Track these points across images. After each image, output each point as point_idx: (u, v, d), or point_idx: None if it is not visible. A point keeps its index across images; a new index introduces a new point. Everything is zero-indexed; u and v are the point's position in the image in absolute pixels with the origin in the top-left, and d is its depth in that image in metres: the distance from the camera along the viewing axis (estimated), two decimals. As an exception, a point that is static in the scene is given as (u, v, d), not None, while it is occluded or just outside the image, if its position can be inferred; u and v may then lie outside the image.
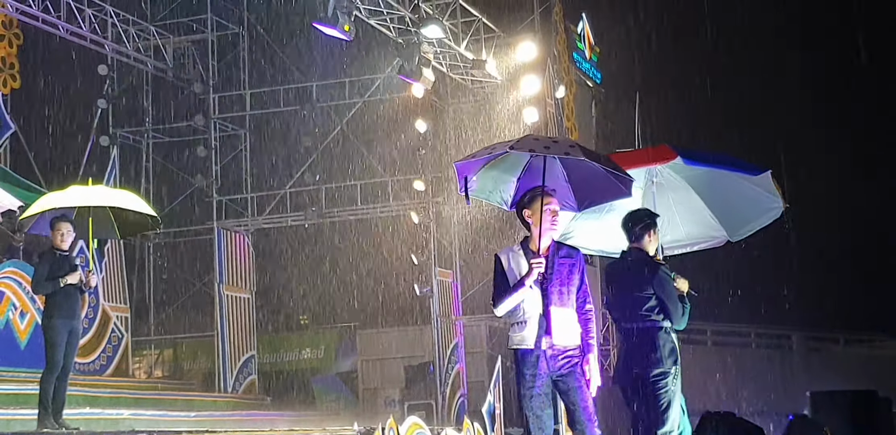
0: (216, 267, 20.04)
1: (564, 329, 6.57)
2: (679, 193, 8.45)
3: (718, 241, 8.70)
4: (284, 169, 20.54)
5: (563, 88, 19.37)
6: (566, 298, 6.63)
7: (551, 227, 6.69)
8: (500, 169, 7.00)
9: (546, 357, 6.54)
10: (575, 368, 6.60)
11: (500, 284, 6.66)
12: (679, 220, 8.50)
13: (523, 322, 6.59)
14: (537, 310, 6.57)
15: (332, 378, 22.55)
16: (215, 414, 14.86)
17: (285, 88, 20.71)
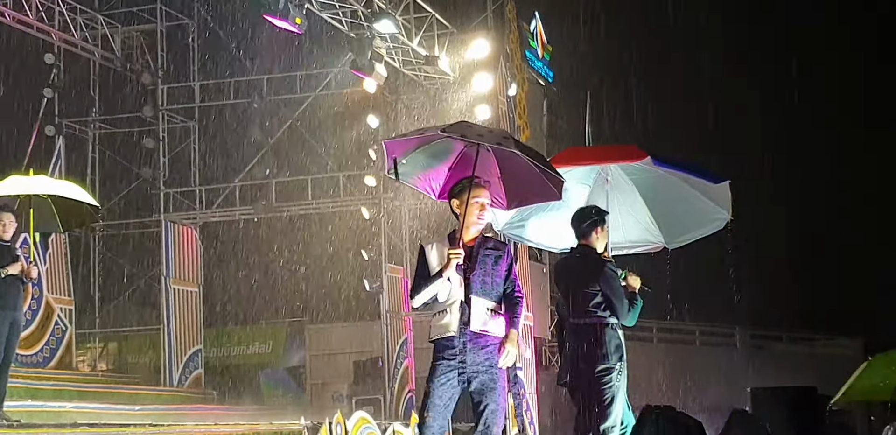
0: (163, 260, 19.91)
1: (486, 319, 6.42)
2: (625, 196, 8.50)
3: (655, 246, 8.75)
4: (234, 162, 20.45)
5: (516, 86, 19.43)
6: (490, 289, 6.49)
7: (478, 220, 6.59)
8: (432, 155, 6.87)
9: (466, 348, 6.37)
10: (493, 368, 6.43)
11: (419, 275, 6.54)
12: (620, 222, 8.54)
13: (444, 311, 6.44)
14: (459, 297, 6.43)
15: (280, 373, 22.50)
16: (160, 408, 14.78)
17: (235, 81, 20.60)
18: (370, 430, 14.31)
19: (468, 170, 6.70)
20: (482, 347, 6.42)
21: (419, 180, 6.99)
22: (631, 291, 7.78)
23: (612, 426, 7.42)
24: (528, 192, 6.91)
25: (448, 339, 6.41)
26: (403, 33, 17.41)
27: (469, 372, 6.39)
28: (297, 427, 13.64)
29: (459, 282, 6.44)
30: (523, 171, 6.75)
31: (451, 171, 6.92)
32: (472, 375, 6.39)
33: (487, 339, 6.43)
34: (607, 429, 7.41)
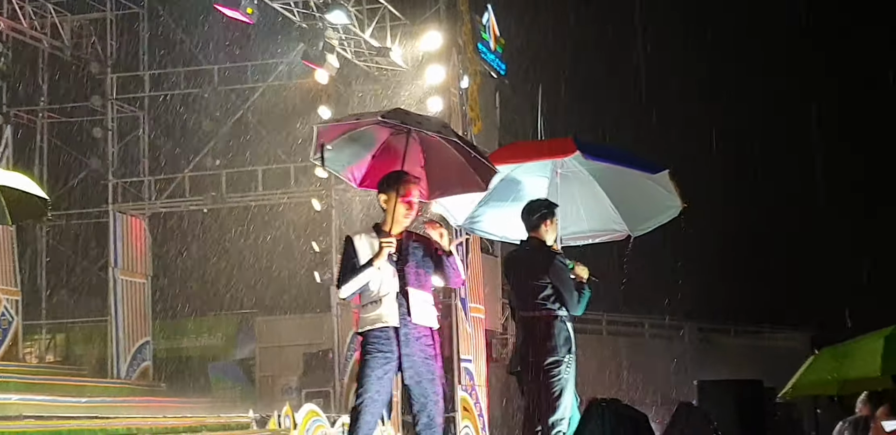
0: (111, 251, 19.75)
1: (423, 310, 6.41)
2: (584, 186, 8.49)
3: (620, 234, 8.75)
4: (183, 152, 20.28)
5: (468, 79, 19.43)
6: (423, 280, 6.48)
7: (405, 217, 6.56)
8: (358, 142, 6.83)
9: (402, 339, 6.33)
10: (429, 359, 6.40)
11: (347, 265, 6.46)
12: (583, 212, 8.55)
13: (377, 301, 6.38)
14: (393, 289, 6.39)
15: (230, 365, 22.41)
16: (107, 400, 14.68)
17: (186, 70, 20.44)
18: (319, 422, 14.32)
19: (392, 160, 6.67)
20: (417, 338, 6.39)
21: (342, 167, 6.93)
22: (579, 281, 7.81)
23: (561, 419, 7.45)
24: (451, 182, 6.90)
25: (383, 330, 6.34)
26: (356, 24, 17.34)
27: (406, 364, 6.34)
28: (246, 419, 13.63)
29: (392, 273, 6.41)
30: (448, 162, 6.74)
31: (373, 159, 6.87)
32: (408, 367, 6.34)
33: (421, 330, 6.42)
34: (556, 421, 7.43)
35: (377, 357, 6.32)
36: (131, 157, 20.56)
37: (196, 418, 13.19)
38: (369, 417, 6.30)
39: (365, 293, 6.44)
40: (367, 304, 6.44)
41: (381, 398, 6.34)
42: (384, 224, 6.57)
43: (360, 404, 6.28)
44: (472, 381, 18.52)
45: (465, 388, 18.17)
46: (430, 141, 6.64)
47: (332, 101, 18.69)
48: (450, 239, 6.59)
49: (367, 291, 6.43)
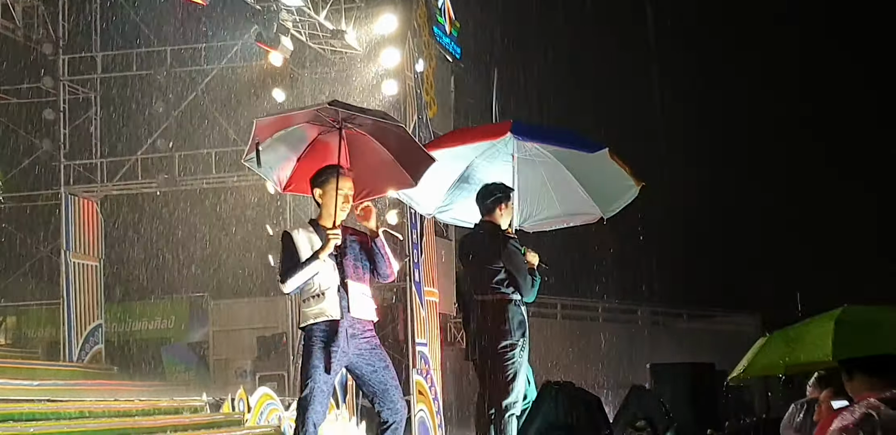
0: (63, 234, 19.58)
1: (363, 303, 6.42)
2: (553, 170, 8.49)
3: (593, 217, 8.75)
4: (136, 135, 20.06)
5: (423, 62, 19.39)
6: (361, 273, 6.49)
7: (342, 210, 6.54)
8: (287, 143, 6.77)
9: (348, 332, 6.33)
10: (377, 349, 6.43)
11: (288, 261, 6.44)
12: (555, 196, 8.56)
13: (320, 295, 6.37)
14: (334, 282, 6.37)
15: (183, 348, 22.32)
16: (59, 383, 14.54)
17: (138, 52, 20.22)
18: (273, 406, 14.30)
19: (321, 160, 6.63)
20: (361, 331, 6.41)
21: (270, 170, 6.85)
22: (529, 268, 7.85)
23: (514, 402, 7.50)
24: (379, 181, 6.86)
25: (327, 324, 6.33)
26: (310, 6, 17.26)
27: (355, 357, 6.35)
28: (200, 403, 13.58)
29: (333, 267, 6.39)
30: (375, 161, 6.73)
31: (299, 161, 6.82)
32: (359, 361, 6.36)
33: (364, 324, 6.44)
34: (509, 404, 7.48)
35: (321, 350, 6.31)
36: (83, 139, 20.34)
37: (149, 402, 13.13)
38: (319, 408, 6.31)
39: (306, 288, 6.42)
40: (309, 298, 6.42)
41: (329, 389, 6.35)
42: (320, 219, 6.57)
43: (309, 395, 6.28)
44: (426, 365, 18.57)
45: (420, 371, 18.21)
46: (358, 140, 6.61)
47: (286, 84, 18.59)
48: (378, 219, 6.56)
49: (309, 286, 6.41)
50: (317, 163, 6.72)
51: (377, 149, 6.69)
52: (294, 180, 6.90)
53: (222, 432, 12.66)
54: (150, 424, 11.75)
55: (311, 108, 6.68)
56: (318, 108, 6.54)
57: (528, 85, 24.71)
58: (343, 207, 6.53)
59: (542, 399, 5.57)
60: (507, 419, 7.41)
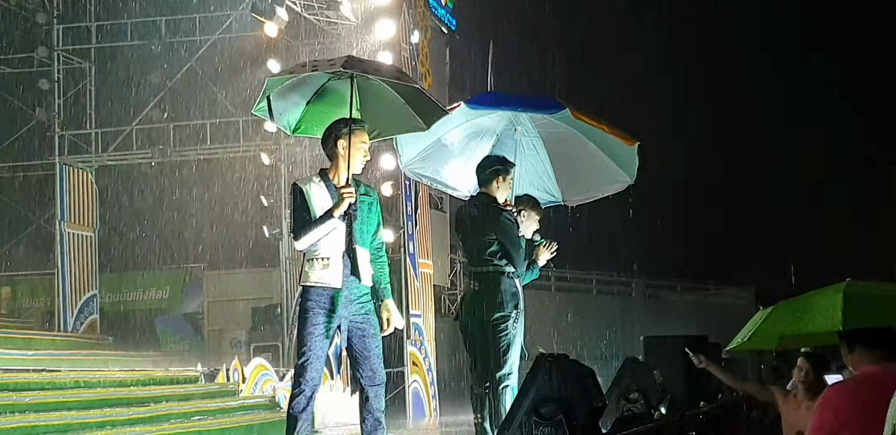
0: (58, 204, 19.56)
1: (366, 269, 6.37)
2: (577, 143, 8.41)
3: (623, 184, 8.71)
4: (131, 105, 20.01)
5: (419, 34, 19.34)
6: (366, 238, 6.41)
7: (361, 164, 6.47)
8: (297, 90, 6.70)
9: (346, 298, 6.29)
10: (370, 315, 6.39)
11: (302, 216, 6.33)
12: (587, 168, 8.51)
13: (325, 259, 6.29)
14: (340, 247, 6.30)
15: (177, 319, 22.37)
16: (54, 353, 14.58)
17: (133, 22, 20.12)
18: (268, 376, 14.36)
19: (330, 102, 6.61)
20: (359, 296, 6.39)
21: (279, 115, 6.78)
22: (533, 259, 7.89)
23: (508, 374, 7.51)
24: (388, 124, 6.80)
25: (326, 289, 6.30)
26: (306, -23, 17.19)
27: (348, 323, 6.33)
28: (194, 373, 13.63)
29: (342, 230, 6.30)
30: (386, 105, 6.67)
31: (308, 105, 6.77)
32: (351, 326, 6.34)
33: (363, 289, 6.41)
34: (503, 376, 7.50)
35: (318, 314, 6.28)
36: (78, 110, 20.28)
37: (144, 372, 13.17)
38: (315, 375, 6.30)
39: (312, 248, 6.36)
40: (314, 259, 6.35)
41: (324, 354, 6.34)
42: (331, 171, 6.48)
43: (306, 362, 6.27)
44: (420, 336, 18.64)
45: (415, 343, 18.28)
46: (370, 85, 6.54)
47: (280, 55, 18.53)
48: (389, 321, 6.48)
49: (315, 248, 6.35)
50: (326, 106, 6.68)
51: (389, 95, 6.66)
52: (304, 123, 6.84)
53: (217, 402, 12.71)
54: (145, 394, 11.79)
55: (325, 63, 6.56)
56: (332, 67, 6.41)
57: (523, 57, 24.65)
58: (363, 160, 6.48)
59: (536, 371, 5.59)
60: (500, 391, 7.43)
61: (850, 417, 4.43)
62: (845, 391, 4.62)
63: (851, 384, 4.75)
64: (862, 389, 4.55)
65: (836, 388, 4.78)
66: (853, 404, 4.47)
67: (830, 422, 4.49)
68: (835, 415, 4.48)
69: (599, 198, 8.83)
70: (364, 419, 6.38)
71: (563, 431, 5.40)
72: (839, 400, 4.54)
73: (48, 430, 9.22)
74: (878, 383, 4.47)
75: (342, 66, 6.34)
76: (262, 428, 12.26)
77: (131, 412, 10.73)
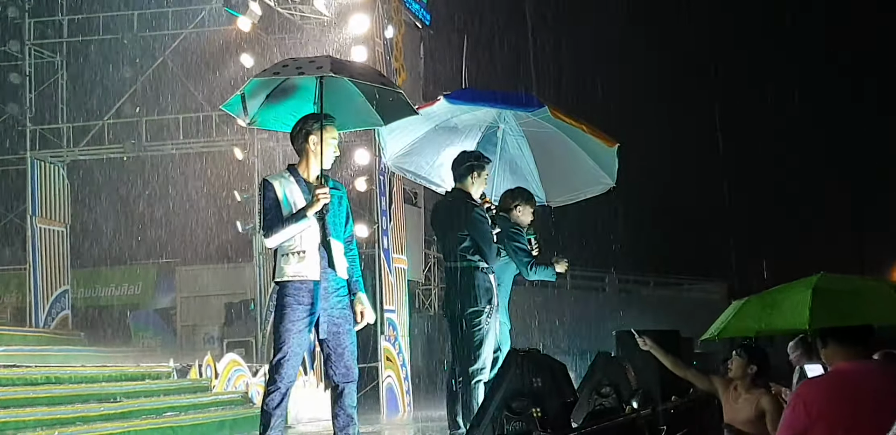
0: (29, 199, 19.45)
1: (342, 262, 6.38)
2: (561, 143, 8.50)
3: (605, 186, 8.74)
4: (103, 99, 19.88)
5: (392, 29, 19.29)
6: (340, 230, 6.42)
7: (332, 157, 6.48)
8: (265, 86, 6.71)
9: (325, 290, 6.29)
10: (346, 309, 6.39)
11: (273, 213, 6.32)
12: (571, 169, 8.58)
13: (300, 252, 6.28)
14: (315, 240, 6.30)
15: (150, 314, 22.29)
16: (25, 349, 14.52)
17: (105, 16, 20.01)
18: (241, 372, 14.33)
19: (292, 96, 6.64)
20: (336, 289, 6.38)
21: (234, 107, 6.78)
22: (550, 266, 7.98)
23: (482, 368, 7.53)
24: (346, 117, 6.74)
25: (303, 283, 6.29)
26: (279, -29, 17.13)
27: (324, 317, 6.31)
28: (167, 369, 13.58)
29: (315, 224, 6.31)
30: (346, 99, 6.67)
31: (268, 98, 6.77)
32: (326, 320, 6.32)
33: (340, 281, 6.41)
34: (475, 371, 7.52)
35: (297, 310, 6.26)
36: (49, 104, 20.15)
37: (116, 368, 13.12)
38: (291, 371, 6.29)
39: (286, 243, 6.35)
40: (288, 254, 6.34)
41: (302, 351, 6.32)
42: (301, 166, 6.48)
43: (283, 358, 6.24)
44: (394, 331, 18.63)
45: (388, 338, 18.27)
46: (333, 81, 6.51)
47: (254, 50, 18.47)
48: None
49: (289, 242, 6.34)
50: (286, 99, 6.70)
51: (349, 89, 6.65)
52: (261, 115, 6.83)
53: (189, 398, 12.67)
54: (117, 390, 11.75)
55: (310, 65, 6.48)
56: (320, 71, 6.35)
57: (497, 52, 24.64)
58: (333, 156, 6.48)
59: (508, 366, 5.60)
60: (473, 385, 7.45)
61: (822, 413, 4.44)
62: (817, 387, 4.63)
63: (824, 381, 4.77)
64: (834, 385, 4.56)
65: (808, 384, 4.80)
66: (825, 401, 4.48)
67: (802, 418, 4.50)
68: (806, 411, 4.49)
69: (581, 199, 8.88)
70: (336, 415, 6.37)
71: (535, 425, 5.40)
72: (810, 396, 4.55)
73: (19, 426, 9.17)
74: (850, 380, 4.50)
75: (331, 71, 6.31)
76: (234, 424, 12.23)
77: (103, 408, 10.69)
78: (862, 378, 4.46)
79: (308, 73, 6.43)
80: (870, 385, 4.36)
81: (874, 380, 4.42)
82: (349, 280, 6.45)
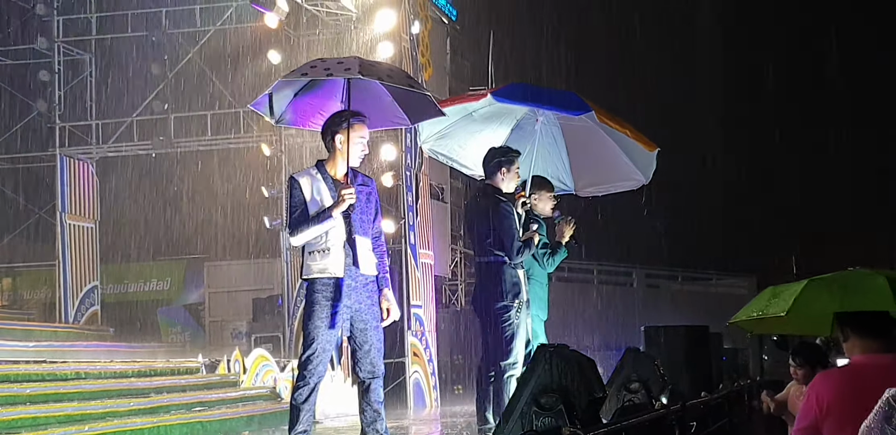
0: (59, 195, 19.56)
1: (368, 258, 6.40)
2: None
3: (637, 183, 8.74)
4: (131, 96, 19.97)
5: (419, 24, 19.29)
6: (366, 227, 6.44)
7: (360, 156, 6.50)
8: (291, 84, 6.72)
9: (349, 288, 6.31)
10: (374, 306, 6.41)
11: (299, 211, 6.36)
12: (604, 162, 8.57)
13: (325, 250, 6.31)
14: (341, 237, 6.33)
15: (179, 310, 22.39)
16: (55, 344, 14.59)
17: (133, 13, 20.09)
18: (268, 367, 14.37)
19: (320, 95, 6.65)
20: (364, 285, 6.41)
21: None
22: (557, 240, 7.88)
23: (514, 363, 7.53)
24: (373, 116, 6.71)
25: (330, 280, 6.31)
26: (306, -33, 17.14)
27: (352, 314, 6.35)
28: (195, 364, 13.63)
29: (341, 221, 6.34)
30: (374, 99, 6.67)
31: (296, 96, 6.78)
32: (354, 317, 6.35)
33: (367, 278, 6.43)
34: (507, 366, 7.52)
35: (325, 307, 6.29)
36: (78, 101, 20.26)
37: (145, 363, 13.18)
38: (320, 367, 6.33)
39: (312, 240, 6.38)
40: (314, 251, 6.37)
41: (330, 347, 6.35)
42: (329, 163, 6.49)
43: (312, 354, 6.28)
44: (421, 326, 18.64)
45: (415, 333, 18.28)
46: (360, 81, 6.51)
47: (281, 46, 18.50)
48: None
49: (315, 239, 6.37)
50: (315, 99, 6.71)
51: (377, 89, 6.66)
52: (288, 113, 6.84)
53: (218, 393, 12.72)
54: (146, 386, 11.80)
55: (338, 66, 6.47)
56: (348, 73, 6.34)
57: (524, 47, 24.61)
58: (361, 154, 6.50)
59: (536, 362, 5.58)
60: (505, 380, 7.45)
61: (832, 406, 4.42)
62: (830, 380, 4.61)
63: (837, 374, 4.74)
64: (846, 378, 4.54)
65: (822, 377, 4.77)
66: (836, 394, 4.46)
67: (814, 411, 4.49)
68: (818, 403, 4.47)
69: (612, 193, 8.86)
70: (363, 410, 6.40)
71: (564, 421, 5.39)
72: (822, 389, 4.53)
73: (49, 421, 9.22)
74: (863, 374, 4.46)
75: (360, 72, 6.31)
76: (262, 419, 12.27)
77: (132, 403, 10.73)
78: (875, 373, 4.42)
79: (336, 74, 6.45)
80: (882, 380, 4.32)
81: (887, 375, 4.37)
82: (376, 276, 6.46)
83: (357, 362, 6.41)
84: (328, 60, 6.70)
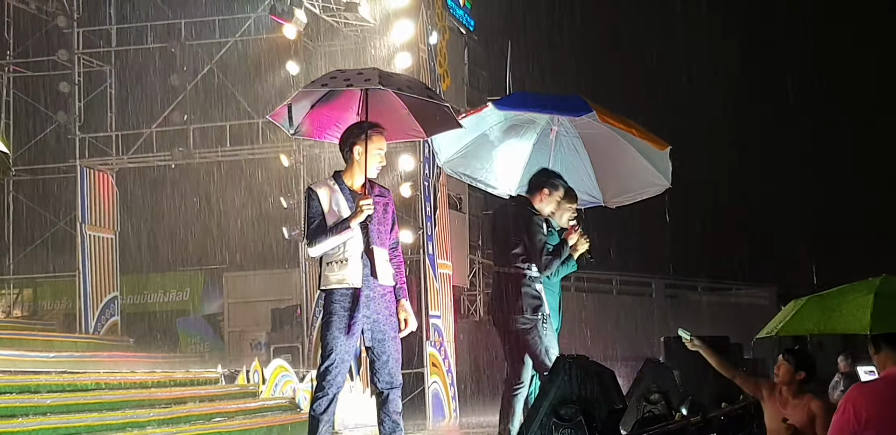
0: (79, 206, 19.64)
1: (385, 269, 6.40)
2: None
3: (661, 187, 8.68)
4: (151, 108, 20.07)
5: (437, 35, 19.32)
6: (384, 238, 6.44)
7: (378, 168, 6.50)
8: (309, 96, 6.69)
9: (367, 298, 6.30)
10: (392, 316, 6.40)
11: (317, 222, 6.35)
12: (627, 170, 8.50)
13: (343, 260, 6.32)
14: (358, 248, 6.33)
15: (198, 320, 22.44)
16: (75, 355, 14.62)
17: (153, 25, 20.21)
18: (288, 377, 14.38)
19: (336, 106, 6.63)
20: (382, 295, 6.40)
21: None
22: (570, 253, 7.82)
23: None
24: (390, 129, 6.67)
25: (348, 290, 6.32)
26: (324, -21, 17.20)
27: (369, 324, 6.34)
28: (215, 375, 13.65)
29: (359, 232, 6.34)
30: (391, 111, 6.66)
31: (313, 108, 6.75)
32: (372, 328, 6.34)
33: (385, 288, 6.42)
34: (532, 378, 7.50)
35: (343, 317, 6.29)
36: (98, 112, 20.36)
37: (165, 373, 13.21)
38: (339, 378, 6.32)
39: (329, 251, 6.38)
40: (332, 262, 6.37)
41: (349, 357, 6.34)
42: (346, 174, 6.50)
43: (330, 365, 6.28)
44: (440, 337, 18.63)
45: (434, 344, 18.27)
46: (377, 92, 6.52)
47: (299, 57, 18.57)
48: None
49: (332, 250, 6.37)
50: (332, 110, 6.71)
51: (394, 102, 6.66)
52: (305, 125, 6.83)
53: (237, 404, 12.73)
54: (166, 396, 11.82)
55: (358, 77, 6.45)
56: (368, 83, 6.35)
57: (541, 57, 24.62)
58: (379, 166, 6.50)
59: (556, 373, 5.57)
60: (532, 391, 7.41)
61: (871, 417, 4.41)
62: (868, 391, 4.59)
63: (874, 385, 4.72)
64: (884, 390, 4.52)
65: (858, 387, 4.75)
66: (874, 405, 4.44)
67: (851, 421, 4.47)
68: (856, 414, 4.45)
69: (639, 200, 8.79)
70: (382, 421, 6.39)
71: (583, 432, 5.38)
72: (860, 399, 4.51)
73: (69, 431, 9.25)
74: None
75: (379, 83, 6.30)
76: (282, 429, 12.27)
77: (152, 414, 10.75)
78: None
79: (356, 85, 6.45)
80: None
81: None
82: (393, 287, 6.47)
83: (375, 373, 6.40)
84: (347, 71, 6.70)
